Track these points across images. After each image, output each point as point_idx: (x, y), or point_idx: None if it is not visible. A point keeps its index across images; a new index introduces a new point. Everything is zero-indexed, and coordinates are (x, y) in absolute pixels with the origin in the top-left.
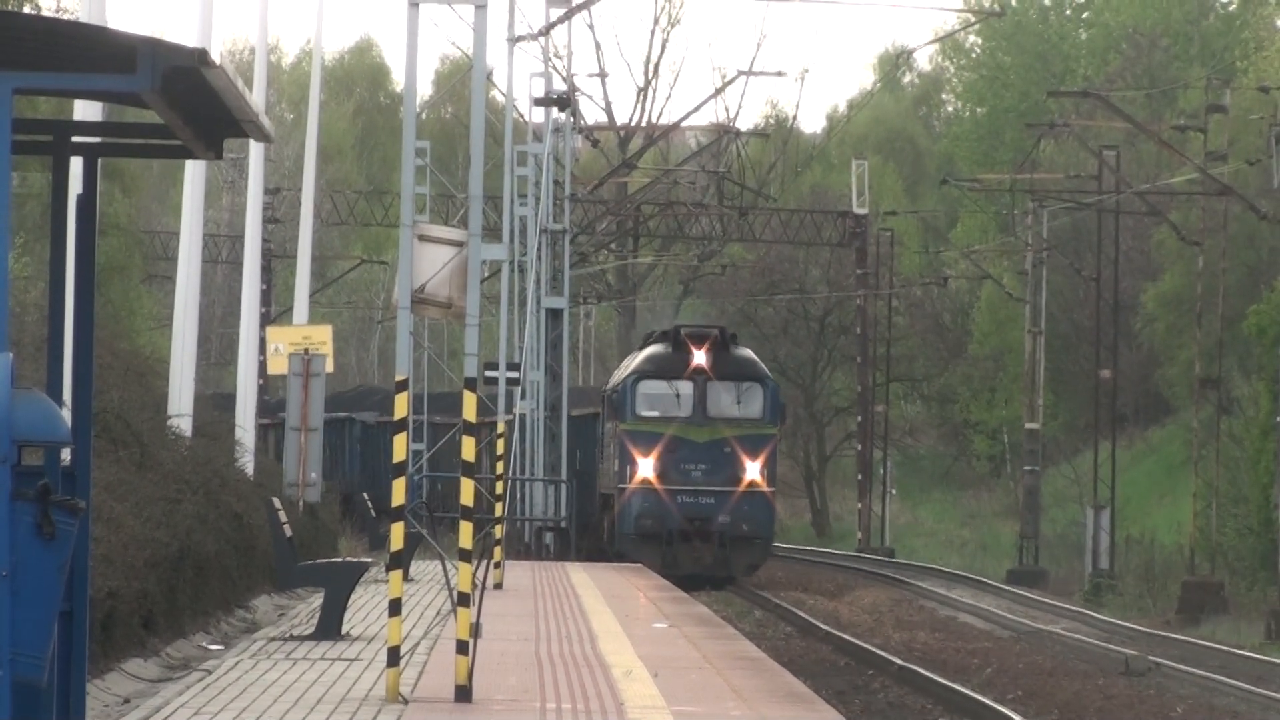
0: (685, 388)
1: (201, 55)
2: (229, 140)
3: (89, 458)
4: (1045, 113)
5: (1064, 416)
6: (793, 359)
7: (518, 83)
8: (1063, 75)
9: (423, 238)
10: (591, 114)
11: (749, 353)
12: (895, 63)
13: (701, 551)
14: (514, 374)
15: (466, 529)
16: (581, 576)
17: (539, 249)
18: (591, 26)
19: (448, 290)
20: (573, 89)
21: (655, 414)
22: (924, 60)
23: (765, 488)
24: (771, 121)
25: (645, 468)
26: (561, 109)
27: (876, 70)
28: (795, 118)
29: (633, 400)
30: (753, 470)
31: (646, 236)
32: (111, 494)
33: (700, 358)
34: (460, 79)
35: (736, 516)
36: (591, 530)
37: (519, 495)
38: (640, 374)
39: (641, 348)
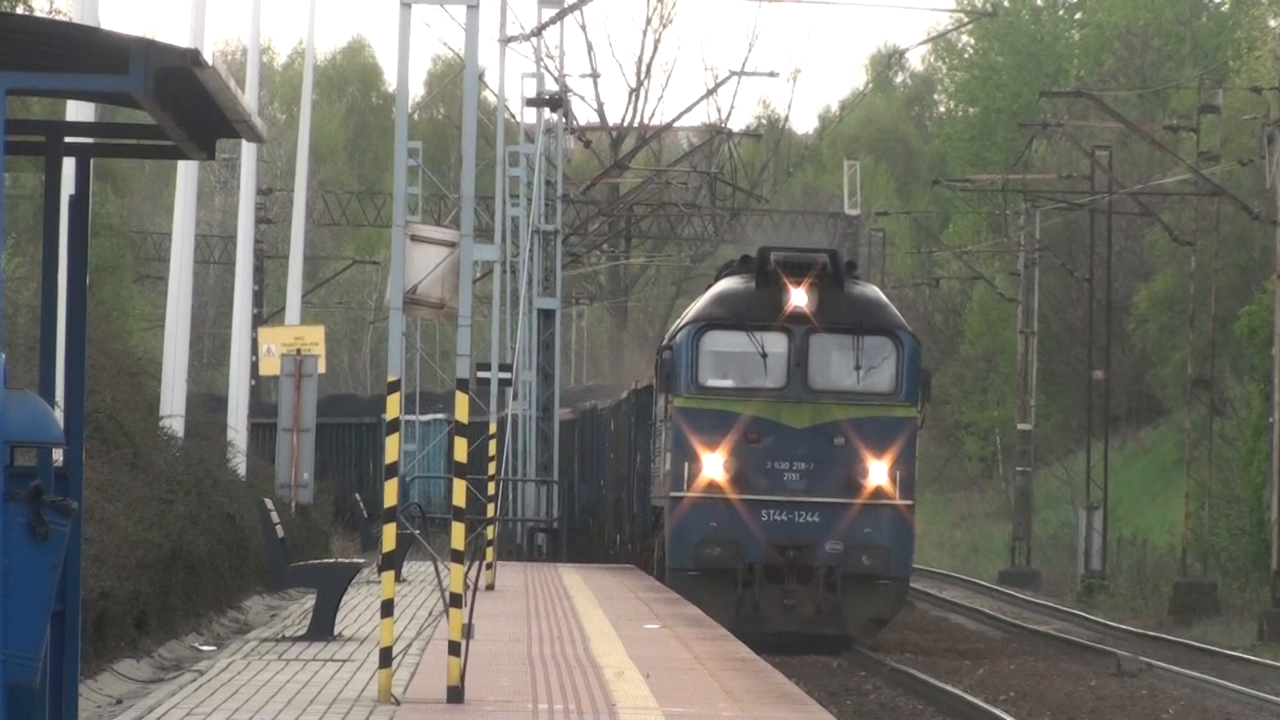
0: (776, 343)
1: (194, 56)
2: (221, 140)
3: (81, 458)
4: (1037, 113)
5: (1056, 417)
6: None
7: (509, 83)
8: (1055, 75)
9: (415, 238)
10: (583, 114)
11: (874, 291)
12: (887, 63)
13: (799, 597)
14: (506, 375)
15: (458, 530)
16: (573, 577)
17: (531, 250)
18: (583, 27)
19: (440, 291)
20: (565, 89)
21: (728, 384)
22: (916, 60)
23: (898, 500)
24: (763, 122)
25: (712, 466)
26: (553, 109)
27: (868, 70)
28: (787, 118)
29: (694, 362)
30: (879, 473)
31: (639, 237)
32: (104, 494)
33: (799, 297)
34: (452, 79)
35: (854, 544)
36: (639, 549)
37: (511, 496)
38: (706, 321)
39: (714, 281)
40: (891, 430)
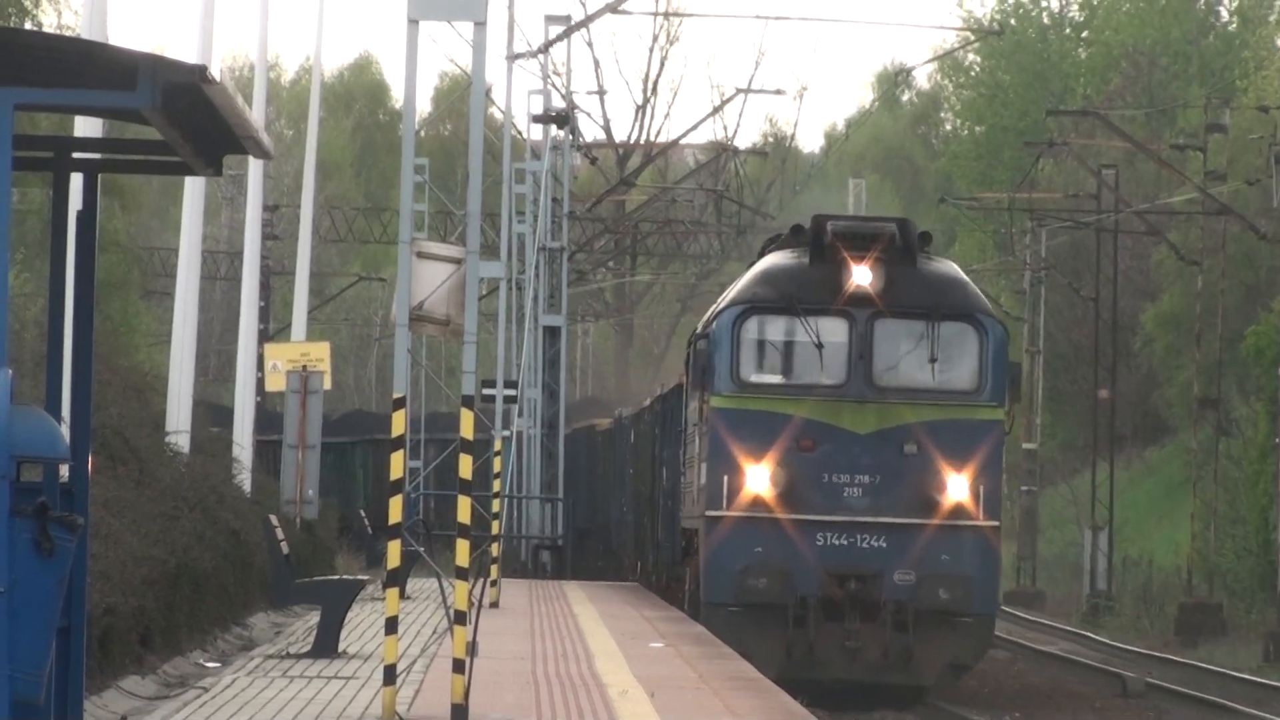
0: (834, 330)
1: (201, 72)
2: (228, 157)
3: (87, 474)
4: (1044, 131)
5: (1062, 436)
6: None
7: (516, 100)
8: (1062, 94)
9: (421, 255)
10: (590, 131)
11: (952, 268)
12: (894, 81)
13: (863, 639)
14: (511, 391)
15: (463, 547)
16: (578, 595)
17: (537, 266)
18: (590, 44)
19: (446, 307)
20: (571, 106)
21: (776, 379)
22: (923, 79)
23: (981, 520)
24: (770, 139)
25: (756, 480)
26: (560, 126)
27: (875, 88)
28: (794, 136)
29: (735, 354)
30: (958, 488)
31: (644, 254)
32: (109, 510)
33: (862, 275)
34: (459, 96)
35: (929, 574)
36: (666, 580)
37: (516, 513)
38: (750, 304)
39: (759, 256)
40: (973, 436)
